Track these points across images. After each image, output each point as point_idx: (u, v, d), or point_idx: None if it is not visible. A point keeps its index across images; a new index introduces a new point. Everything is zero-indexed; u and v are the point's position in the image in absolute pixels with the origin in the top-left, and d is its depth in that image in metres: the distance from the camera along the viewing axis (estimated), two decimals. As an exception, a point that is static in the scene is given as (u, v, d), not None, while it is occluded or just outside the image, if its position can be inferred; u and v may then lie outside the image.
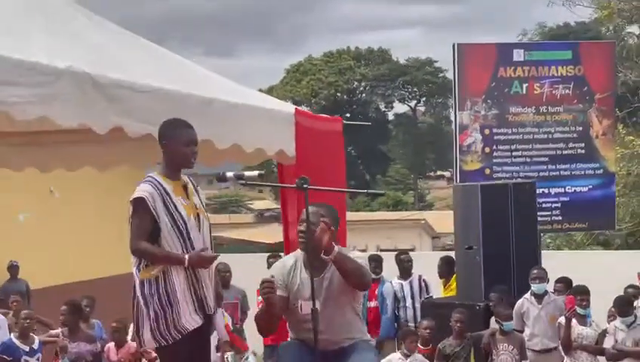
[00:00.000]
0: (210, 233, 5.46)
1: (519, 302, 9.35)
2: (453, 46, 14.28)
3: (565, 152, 14.29)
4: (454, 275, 10.64)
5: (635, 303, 9.02)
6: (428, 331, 9.16)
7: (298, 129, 6.90)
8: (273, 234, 28.18)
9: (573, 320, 8.83)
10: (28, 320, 8.85)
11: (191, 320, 5.22)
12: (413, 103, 75.60)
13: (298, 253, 5.56)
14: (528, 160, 14.22)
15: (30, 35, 5.25)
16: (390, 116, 77.71)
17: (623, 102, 18.96)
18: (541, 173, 13.86)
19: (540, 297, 9.32)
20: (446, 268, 10.95)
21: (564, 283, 9.86)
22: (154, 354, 9.38)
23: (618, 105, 15.47)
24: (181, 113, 5.64)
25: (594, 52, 14.66)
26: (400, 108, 77.25)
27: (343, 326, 5.50)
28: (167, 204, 5.15)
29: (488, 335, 8.94)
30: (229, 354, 9.30)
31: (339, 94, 72.37)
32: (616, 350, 8.55)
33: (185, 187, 5.34)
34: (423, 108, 76.79)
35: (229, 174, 5.24)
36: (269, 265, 11.09)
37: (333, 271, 5.34)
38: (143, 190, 5.13)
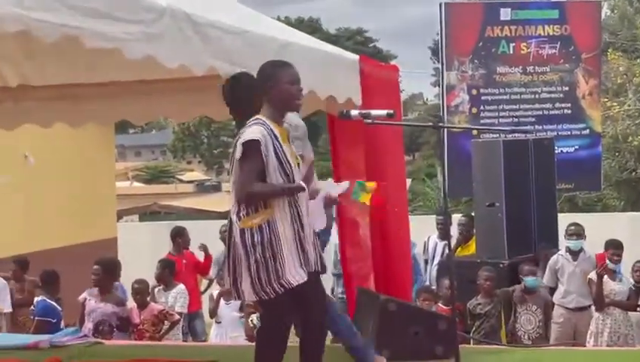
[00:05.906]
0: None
1: (554, 257, 9.15)
2: (440, 5, 14.14)
3: (552, 113, 14.28)
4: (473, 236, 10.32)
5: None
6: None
7: (363, 77, 6.61)
8: (219, 203, 27.74)
9: (605, 276, 8.71)
10: None
11: (295, 274, 4.77)
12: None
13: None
14: (515, 120, 14.19)
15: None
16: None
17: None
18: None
19: (575, 254, 9.10)
20: (472, 228, 10.40)
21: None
22: (177, 317, 9.11)
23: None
24: (265, 56, 5.36)
25: (580, 11, 14.61)
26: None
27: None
28: (277, 150, 4.77)
29: (520, 290, 8.74)
30: (253, 316, 9.04)
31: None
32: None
33: (287, 134, 4.98)
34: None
35: (354, 112, 4.86)
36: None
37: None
38: (256, 132, 4.72)
